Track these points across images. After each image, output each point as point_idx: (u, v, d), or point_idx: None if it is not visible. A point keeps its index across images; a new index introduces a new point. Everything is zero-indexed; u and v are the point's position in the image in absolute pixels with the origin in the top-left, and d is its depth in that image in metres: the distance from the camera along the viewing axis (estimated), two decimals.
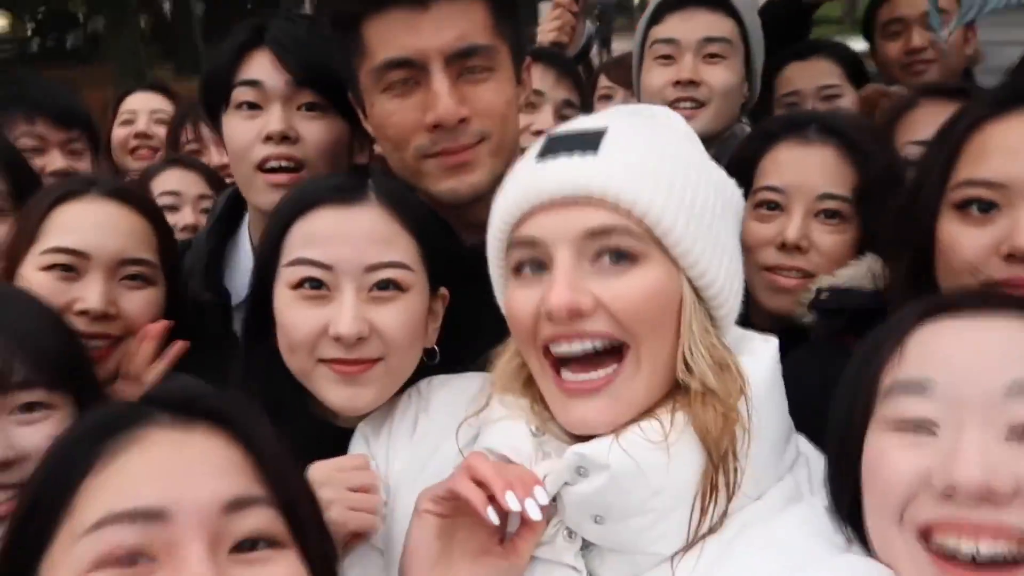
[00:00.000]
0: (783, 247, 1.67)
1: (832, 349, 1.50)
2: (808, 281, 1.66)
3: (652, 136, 1.15)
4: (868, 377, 1.09)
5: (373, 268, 1.34)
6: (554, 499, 1.08)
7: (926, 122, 1.85)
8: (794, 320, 1.65)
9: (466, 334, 1.33)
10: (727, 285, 1.12)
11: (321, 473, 1.25)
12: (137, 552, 0.84)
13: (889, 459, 1.02)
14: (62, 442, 0.95)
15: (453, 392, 1.35)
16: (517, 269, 1.15)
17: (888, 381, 1.05)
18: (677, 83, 2.21)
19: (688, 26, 2.22)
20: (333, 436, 1.41)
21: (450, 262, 1.45)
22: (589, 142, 1.10)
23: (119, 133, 3.26)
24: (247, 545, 0.88)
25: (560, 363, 1.10)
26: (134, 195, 1.82)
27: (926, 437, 1.00)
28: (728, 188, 1.19)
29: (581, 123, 1.19)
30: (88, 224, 1.69)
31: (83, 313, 1.62)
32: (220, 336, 1.80)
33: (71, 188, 1.75)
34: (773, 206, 1.72)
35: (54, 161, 2.58)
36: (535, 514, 1.01)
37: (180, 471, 0.88)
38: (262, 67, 1.77)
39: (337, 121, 1.80)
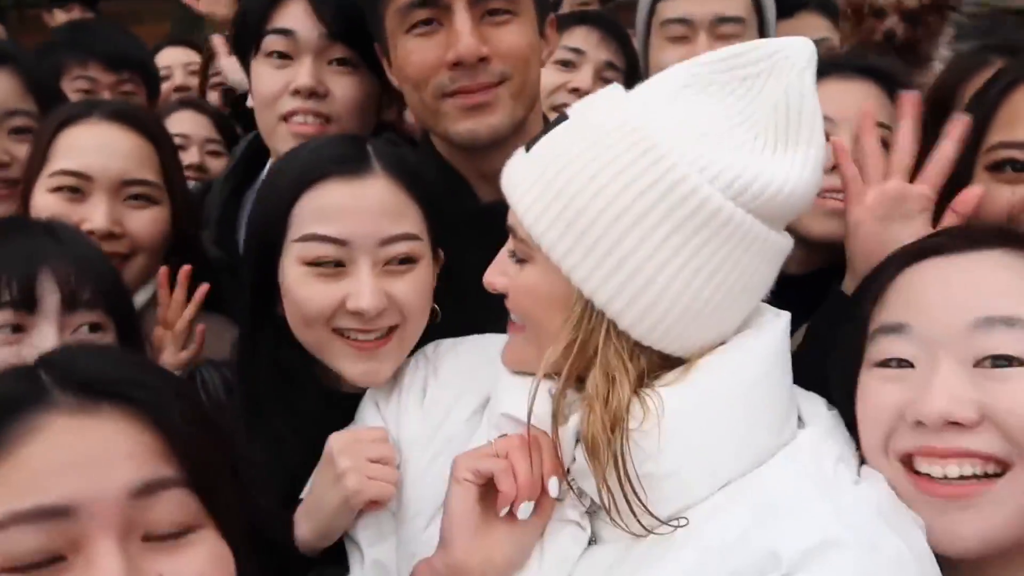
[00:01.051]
0: (833, 170, 1.64)
1: None
2: None
3: (574, 136, 1.08)
4: (858, 322, 1.15)
5: (387, 241, 1.34)
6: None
7: None
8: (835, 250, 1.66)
9: (474, 293, 1.31)
10: (627, 299, 1.03)
11: (340, 442, 1.29)
12: (45, 553, 0.80)
13: (873, 396, 1.10)
14: None
15: (461, 357, 1.38)
16: None
17: (873, 327, 1.13)
18: None
19: (700, 3, 2.14)
20: (340, 403, 1.43)
21: (450, 223, 1.47)
22: (538, 137, 1.13)
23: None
24: (161, 531, 0.85)
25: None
26: (136, 117, 1.85)
27: (904, 374, 1.08)
28: (675, 195, 1.02)
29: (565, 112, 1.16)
30: (90, 146, 1.75)
31: (89, 233, 1.68)
32: (232, 290, 1.81)
33: (74, 112, 1.80)
34: None
35: None
36: (523, 515, 1.08)
37: (84, 462, 0.82)
38: (296, 16, 1.75)
39: (367, 77, 1.79)
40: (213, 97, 3.21)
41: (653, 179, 1.01)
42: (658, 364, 1.07)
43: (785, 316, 1.13)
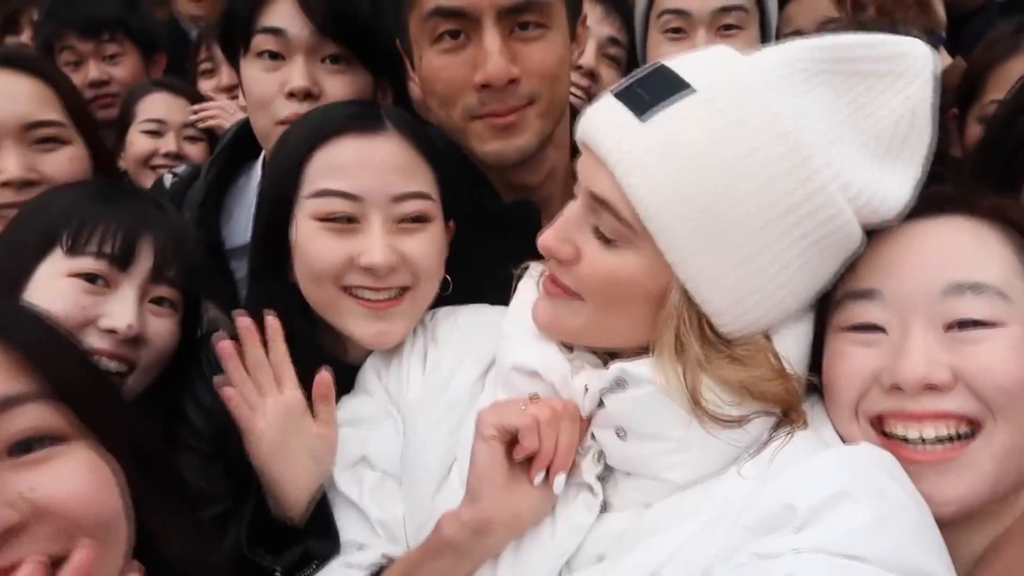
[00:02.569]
0: None
1: None
2: None
3: (712, 126, 1.00)
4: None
5: (400, 198, 1.34)
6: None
7: None
8: None
9: (489, 291, 1.34)
10: (731, 304, 1.03)
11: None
12: None
13: (844, 360, 1.11)
14: None
15: (459, 323, 1.38)
16: None
17: (839, 293, 1.12)
18: None
19: None
20: (344, 373, 1.41)
21: (461, 193, 1.47)
22: (653, 102, 1.01)
23: None
24: (22, 447, 0.83)
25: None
26: (25, 58, 1.78)
27: (876, 338, 1.09)
28: (821, 214, 1.01)
29: (682, 65, 1.05)
30: None
31: (5, 185, 1.62)
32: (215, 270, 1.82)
33: None
34: None
35: (89, 72, 2.60)
36: (558, 489, 1.10)
37: None
38: (284, 14, 1.70)
39: (360, 73, 1.74)
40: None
41: (805, 196, 1.00)
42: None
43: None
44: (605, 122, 1.05)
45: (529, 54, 1.43)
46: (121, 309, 1.39)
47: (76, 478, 0.84)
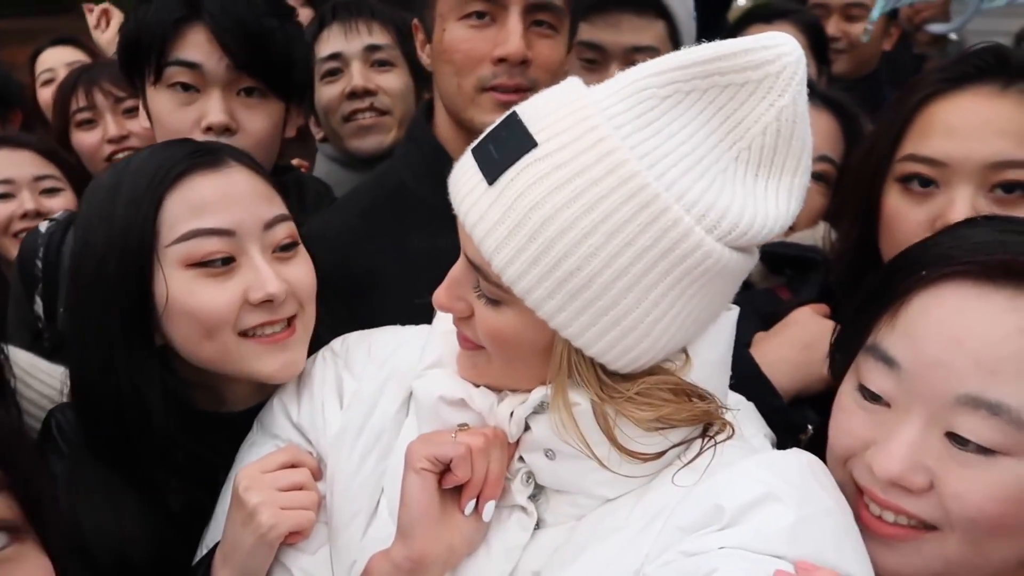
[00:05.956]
0: None
1: (764, 296, 1.69)
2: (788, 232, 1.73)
3: (554, 180, 0.96)
4: (869, 314, 1.10)
5: (271, 224, 1.30)
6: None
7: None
8: None
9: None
10: (618, 347, 1.00)
11: (246, 478, 1.21)
12: None
13: (845, 416, 1.09)
14: None
15: (375, 348, 1.30)
16: None
17: (872, 338, 1.07)
18: None
19: (614, 31, 2.05)
20: (225, 425, 1.36)
21: (431, 206, 1.48)
22: (500, 164, 0.99)
23: (44, 93, 3.09)
24: None
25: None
26: None
27: (879, 410, 1.05)
28: (677, 251, 0.96)
29: (531, 113, 1.01)
30: None
31: None
32: None
33: None
34: None
35: None
36: (487, 517, 1.08)
37: None
38: (200, 47, 1.67)
39: (275, 103, 1.75)
40: (45, 95, 2.94)
41: (655, 237, 0.95)
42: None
43: (735, 309, 1.11)
44: (462, 185, 1.03)
45: (540, 47, 1.64)
46: None
47: None
